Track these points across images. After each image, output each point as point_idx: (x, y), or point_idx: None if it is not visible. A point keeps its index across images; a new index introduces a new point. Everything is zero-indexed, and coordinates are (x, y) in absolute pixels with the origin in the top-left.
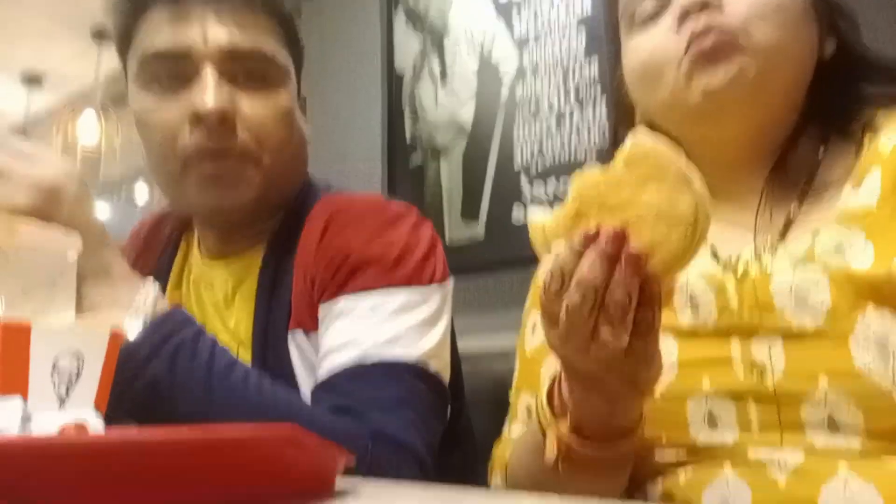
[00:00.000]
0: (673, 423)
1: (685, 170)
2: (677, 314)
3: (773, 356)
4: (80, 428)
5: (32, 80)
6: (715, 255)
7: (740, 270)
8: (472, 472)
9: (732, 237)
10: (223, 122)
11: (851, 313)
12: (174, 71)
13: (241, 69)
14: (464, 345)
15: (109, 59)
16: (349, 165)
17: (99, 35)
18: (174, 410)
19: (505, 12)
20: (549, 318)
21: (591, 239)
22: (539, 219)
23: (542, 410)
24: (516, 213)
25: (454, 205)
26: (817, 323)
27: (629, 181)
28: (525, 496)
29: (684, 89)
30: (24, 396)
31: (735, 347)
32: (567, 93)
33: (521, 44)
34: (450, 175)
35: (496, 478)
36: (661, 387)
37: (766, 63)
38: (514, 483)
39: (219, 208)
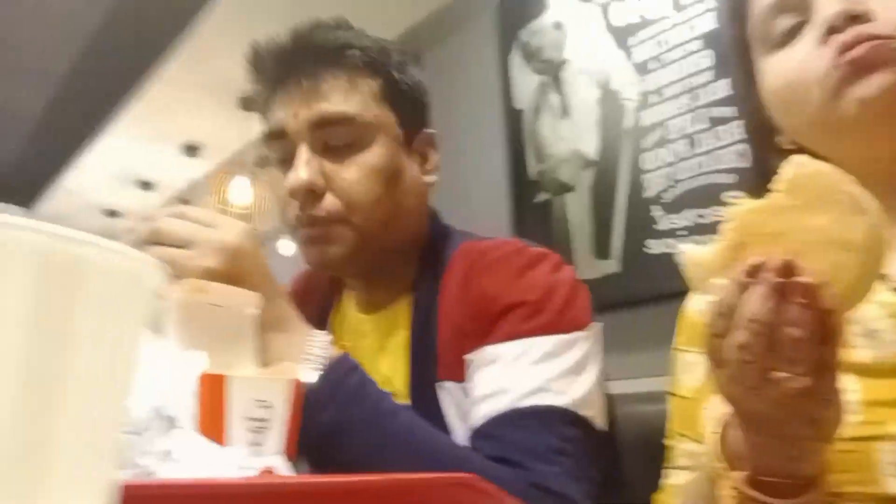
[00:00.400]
0: (859, 472)
1: (857, 191)
2: (854, 349)
3: None
4: (270, 473)
5: (190, 149)
6: (889, 281)
7: None
8: None
9: None
10: (311, 193)
11: None
12: (281, 150)
13: (331, 137)
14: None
15: (256, 124)
16: (475, 204)
17: (245, 103)
18: (345, 455)
19: (621, 37)
20: (716, 359)
21: (756, 270)
22: (693, 252)
23: (714, 458)
24: (653, 245)
25: (583, 240)
26: None
27: (794, 206)
28: None
29: (835, 104)
30: (221, 443)
31: None
32: (697, 115)
33: (642, 68)
34: (577, 209)
35: None
36: (844, 430)
37: None
38: None
39: (319, 264)
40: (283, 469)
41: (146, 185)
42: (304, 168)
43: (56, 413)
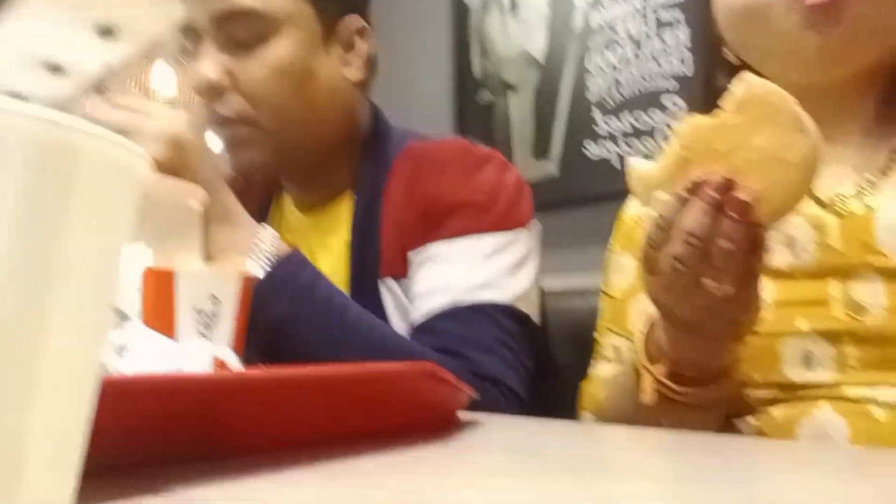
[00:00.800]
0: (767, 363)
1: (800, 113)
2: (774, 255)
3: (874, 295)
4: (222, 365)
5: (105, 31)
6: (814, 193)
7: (842, 209)
8: (557, 407)
9: (833, 174)
10: (214, 90)
11: None
12: (189, 44)
13: (235, 32)
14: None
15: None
16: (416, 102)
17: None
18: (297, 348)
19: None
20: (650, 267)
21: (697, 186)
22: (639, 165)
23: (638, 354)
24: (592, 148)
25: (525, 142)
26: None
27: (740, 125)
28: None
29: (795, 39)
30: (172, 336)
31: (834, 287)
32: (645, 18)
33: None
34: (520, 111)
35: (587, 416)
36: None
37: (884, 12)
38: (607, 422)
39: (241, 171)
40: (233, 362)
41: (56, 70)
42: (206, 64)
43: (49, 302)
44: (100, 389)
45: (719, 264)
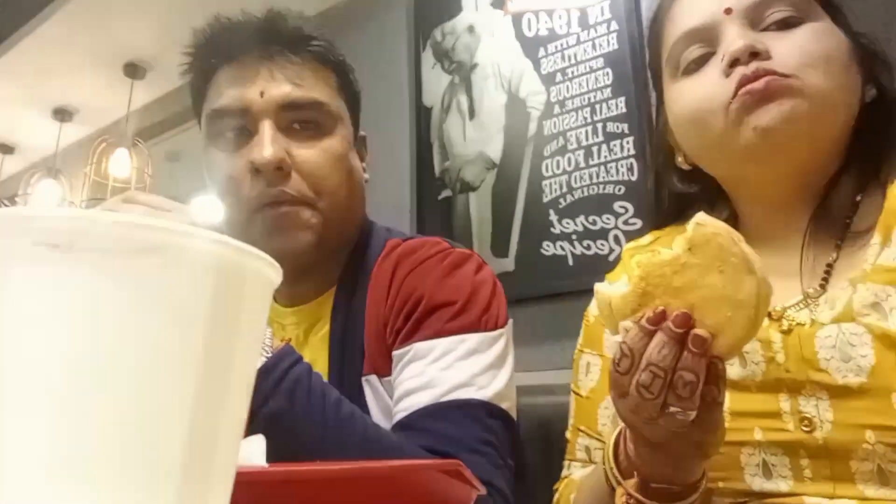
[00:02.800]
0: (730, 471)
1: (748, 253)
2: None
3: (820, 410)
4: None
5: (63, 114)
6: None
7: (785, 324)
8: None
9: (779, 287)
10: (278, 170)
11: (894, 371)
12: (237, 127)
13: (297, 119)
14: None
15: (140, 92)
16: (379, 198)
17: (131, 70)
18: (291, 441)
19: (531, 48)
20: (619, 391)
21: (658, 319)
22: (605, 290)
23: (609, 466)
24: (548, 247)
25: (484, 238)
26: (861, 379)
27: (694, 265)
28: None
29: (734, 131)
30: None
31: (784, 400)
32: (594, 128)
33: (549, 79)
34: (479, 209)
35: None
36: None
37: (817, 105)
38: None
39: (283, 252)
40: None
41: (6, 149)
42: (271, 144)
43: (226, 399)
44: None
45: (682, 393)
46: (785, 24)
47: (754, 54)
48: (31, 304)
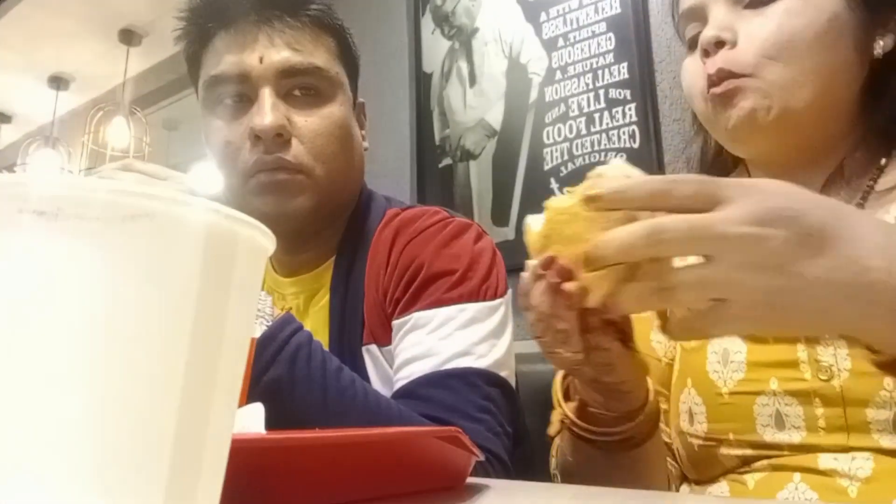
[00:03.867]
0: (742, 421)
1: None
2: None
3: (838, 359)
4: None
5: (59, 82)
6: None
7: None
8: (531, 469)
9: None
10: (278, 137)
11: None
12: (236, 93)
13: (296, 86)
14: None
15: (136, 60)
16: (378, 166)
17: (126, 36)
18: (292, 408)
19: (532, 12)
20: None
21: (546, 265)
22: (529, 223)
23: (555, 388)
24: None
25: (484, 207)
26: None
27: (582, 216)
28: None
29: (715, 119)
30: None
31: (802, 350)
32: (596, 94)
33: (550, 44)
34: (479, 177)
35: (553, 467)
36: (730, 385)
37: (784, 96)
38: (563, 469)
39: (277, 215)
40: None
41: (3, 118)
42: (272, 112)
43: (218, 364)
44: None
45: (557, 338)
46: (760, 2)
47: (719, 43)
48: (18, 273)
